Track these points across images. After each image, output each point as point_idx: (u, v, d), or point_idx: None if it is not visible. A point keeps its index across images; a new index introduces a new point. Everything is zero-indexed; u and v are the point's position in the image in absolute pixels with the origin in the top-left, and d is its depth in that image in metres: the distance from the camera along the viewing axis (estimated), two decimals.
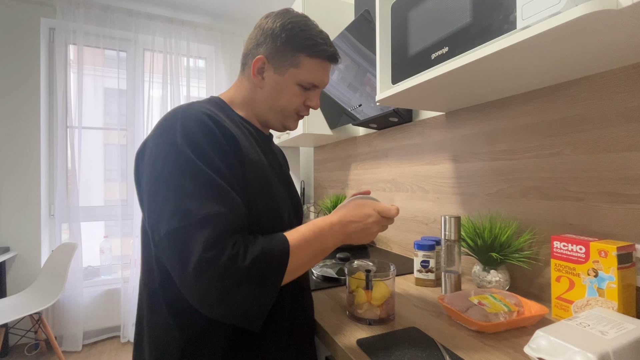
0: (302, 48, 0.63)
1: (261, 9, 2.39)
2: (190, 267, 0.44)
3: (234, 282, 0.45)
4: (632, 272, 0.62)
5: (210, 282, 0.44)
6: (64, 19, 2.16)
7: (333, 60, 0.67)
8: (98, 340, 2.28)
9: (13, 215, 2.13)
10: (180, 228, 0.46)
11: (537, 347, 0.49)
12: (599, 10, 0.43)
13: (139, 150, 0.57)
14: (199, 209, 0.46)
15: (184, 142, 0.50)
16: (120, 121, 2.37)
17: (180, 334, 0.54)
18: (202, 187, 0.48)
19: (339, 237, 0.58)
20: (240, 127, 0.63)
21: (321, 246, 0.55)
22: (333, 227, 0.57)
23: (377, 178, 1.54)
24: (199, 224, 0.46)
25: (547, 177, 0.81)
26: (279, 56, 0.63)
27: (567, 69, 0.69)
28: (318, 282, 0.95)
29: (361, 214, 0.59)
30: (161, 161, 0.50)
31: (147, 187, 0.51)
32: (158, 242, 0.48)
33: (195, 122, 0.52)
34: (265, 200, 0.58)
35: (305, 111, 0.70)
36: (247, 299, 0.46)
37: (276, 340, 0.59)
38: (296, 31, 0.62)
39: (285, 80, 0.64)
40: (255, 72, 0.64)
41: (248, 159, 0.56)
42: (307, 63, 0.64)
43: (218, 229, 0.46)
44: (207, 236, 0.45)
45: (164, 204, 0.48)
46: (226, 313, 0.46)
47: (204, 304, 0.46)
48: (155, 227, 0.48)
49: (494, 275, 0.82)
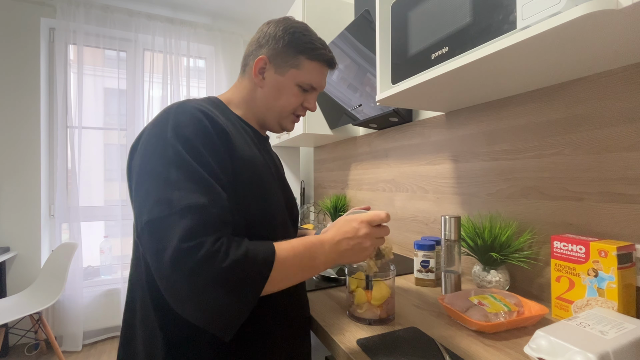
0: (302, 51, 0.66)
1: (261, 9, 2.39)
2: (166, 258, 0.43)
3: (207, 282, 0.43)
4: (632, 272, 0.62)
5: (183, 276, 0.42)
6: (64, 19, 2.16)
7: (331, 65, 0.70)
8: (98, 340, 2.28)
9: (13, 215, 2.13)
10: (161, 218, 0.45)
11: (537, 347, 0.49)
12: (599, 10, 0.43)
13: (133, 145, 0.58)
14: (180, 200, 0.46)
15: (173, 135, 0.50)
16: (120, 121, 2.37)
17: (164, 333, 0.53)
18: (186, 179, 0.48)
19: (331, 255, 0.54)
20: (236, 125, 0.63)
21: (310, 262, 0.52)
22: (324, 244, 0.54)
23: (377, 178, 1.54)
24: (179, 214, 0.45)
25: (547, 177, 0.81)
26: (280, 57, 0.66)
27: (567, 69, 0.69)
28: (318, 282, 0.95)
29: (350, 228, 0.56)
30: (150, 153, 0.51)
31: (135, 177, 0.52)
32: (140, 232, 0.48)
33: (188, 116, 0.53)
34: (256, 197, 0.57)
35: (302, 112, 0.72)
36: (219, 305, 0.43)
37: (269, 338, 0.59)
38: (298, 35, 0.66)
39: (285, 80, 0.66)
40: (256, 71, 0.66)
41: (240, 155, 0.56)
42: (307, 65, 0.66)
43: (197, 220, 0.45)
44: (185, 227, 0.44)
45: (148, 195, 0.48)
46: (195, 314, 0.44)
47: (174, 299, 0.44)
48: (138, 217, 0.49)
49: (494, 275, 0.82)
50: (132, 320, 0.59)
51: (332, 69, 0.71)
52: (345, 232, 0.56)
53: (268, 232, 0.58)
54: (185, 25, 2.47)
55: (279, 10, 2.42)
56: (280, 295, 0.58)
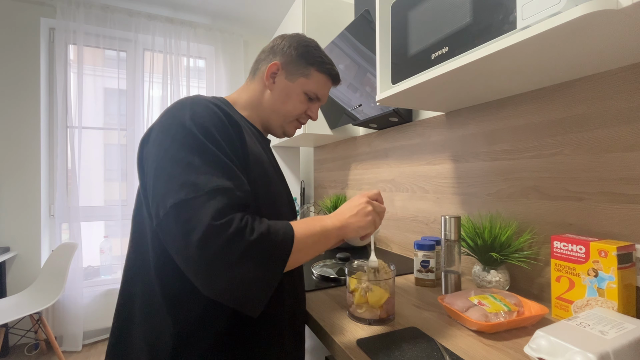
0: (313, 63, 0.72)
1: (261, 9, 2.39)
2: (196, 236, 0.44)
3: (239, 256, 0.44)
4: (632, 272, 0.62)
5: (216, 252, 0.44)
6: (64, 19, 2.16)
7: (336, 80, 0.76)
8: (98, 340, 2.28)
9: (13, 215, 2.13)
10: (189, 199, 0.46)
11: (537, 347, 0.49)
12: (599, 10, 0.43)
13: (143, 137, 0.58)
14: (207, 183, 0.48)
15: (192, 124, 0.52)
16: (120, 121, 2.37)
17: (174, 321, 0.53)
18: (210, 164, 0.50)
19: (337, 223, 0.58)
20: (243, 124, 0.66)
21: (322, 230, 0.56)
22: (331, 216, 0.60)
23: (377, 178, 1.54)
24: (207, 196, 0.47)
25: (547, 177, 0.81)
26: (292, 65, 0.71)
27: (567, 69, 0.68)
28: (318, 282, 0.95)
29: (350, 201, 0.63)
30: (169, 140, 0.52)
31: (153, 164, 0.52)
32: (163, 216, 0.48)
33: (204, 108, 0.55)
34: (264, 192, 0.60)
35: (304, 120, 0.77)
36: (250, 277, 0.45)
37: (273, 329, 0.59)
38: (310, 49, 0.72)
39: (294, 87, 0.71)
40: (268, 75, 0.71)
41: (251, 151, 0.59)
42: (316, 76, 0.72)
43: (225, 201, 0.47)
44: (216, 207, 0.46)
45: (171, 179, 0.49)
46: (226, 290, 0.45)
47: (205, 277, 0.45)
48: (162, 202, 0.48)
49: (494, 275, 0.82)
50: (129, 315, 0.58)
51: (336, 84, 0.77)
52: (347, 204, 0.63)
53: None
54: (185, 25, 2.47)
55: (279, 10, 2.42)
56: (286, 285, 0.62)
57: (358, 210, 0.60)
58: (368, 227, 0.61)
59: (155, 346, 0.54)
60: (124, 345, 0.58)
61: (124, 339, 0.58)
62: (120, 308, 0.60)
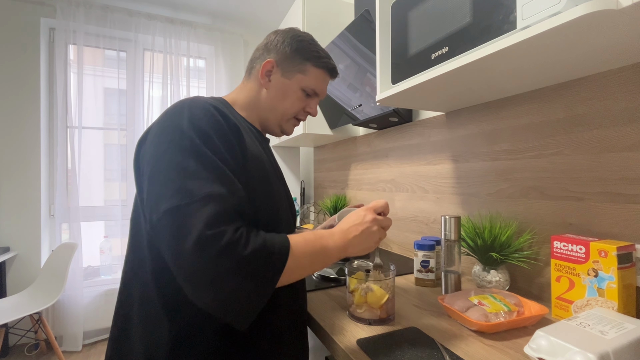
0: (309, 58, 0.70)
1: (261, 9, 2.39)
2: (188, 244, 0.43)
3: (228, 270, 0.43)
4: (632, 272, 0.62)
5: (206, 262, 0.43)
6: (64, 19, 2.16)
7: (333, 74, 0.74)
8: (98, 340, 2.28)
9: (13, 215, 2.13)
10: (182, 206, 0.46)
11: (537, 347, 0.49)
12: (599, 10, 0.43)
13: (141, 138, 0.58)
14: (201, 189, 0.47)
15: (190, 127, 0.51)
16: (120, 121, 2.37)
17: (171, 326, 0.53)
18: (205, 169, 0.49)
19: (340, 243, 0.56)
20: (242, 124, 0.65)
21: (322, 250, 0.54)
22: (334, 234, 0.57)
23: (377, 178, 1.54)
24: (201, 202, 0.46)
25: (547, 177, 0.81)
26: (287, 62, 0.69)
27: (567, 69, 0.68)
28: (318, 282, 0.95)
29: (356, 216, 0.60)
30: (166, 143, 0.51)
31: (148, 167, 0.51)
32: (156, 221, 0.47)
33: (202, 110, 0.54)
34: (263, 193, 0.59)
35: (303, 117, 0.75)
36: (239, 292, 0.44)
37: (272, 334, 0.59)
38: (305, 44, 0.70)
39: (291, 84, 0.70)
40: (263, 73, 0.69)
41: (250, 152, 0.58)
42: (312, 72, 0.70)
43: (219, 208, 0.46)
44: (209, 214, 0.45)
45: (166, 183, 0.48)
46: (214, 302, 0.44)
47: (194, 287, 0.44)
48: (155, 206, 0.48)
49: (494, 275, 0.82)
50: (127, 318, 0.58)
51: (334, 78, 0.75)
52: (353, 220, 0.59)
53: (273, 228, 0.58)
54: (185, 25, 2.47)
55: (279, 10, 2.42)
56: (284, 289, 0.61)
57: (363, 230, 0.58)
58: (372, 247, 0.60)
59: (153, 348, 0.54)
60: (123, 347, 0.57)
61: (123, 341, 0.58)
62: (118, 310, 0.59)
